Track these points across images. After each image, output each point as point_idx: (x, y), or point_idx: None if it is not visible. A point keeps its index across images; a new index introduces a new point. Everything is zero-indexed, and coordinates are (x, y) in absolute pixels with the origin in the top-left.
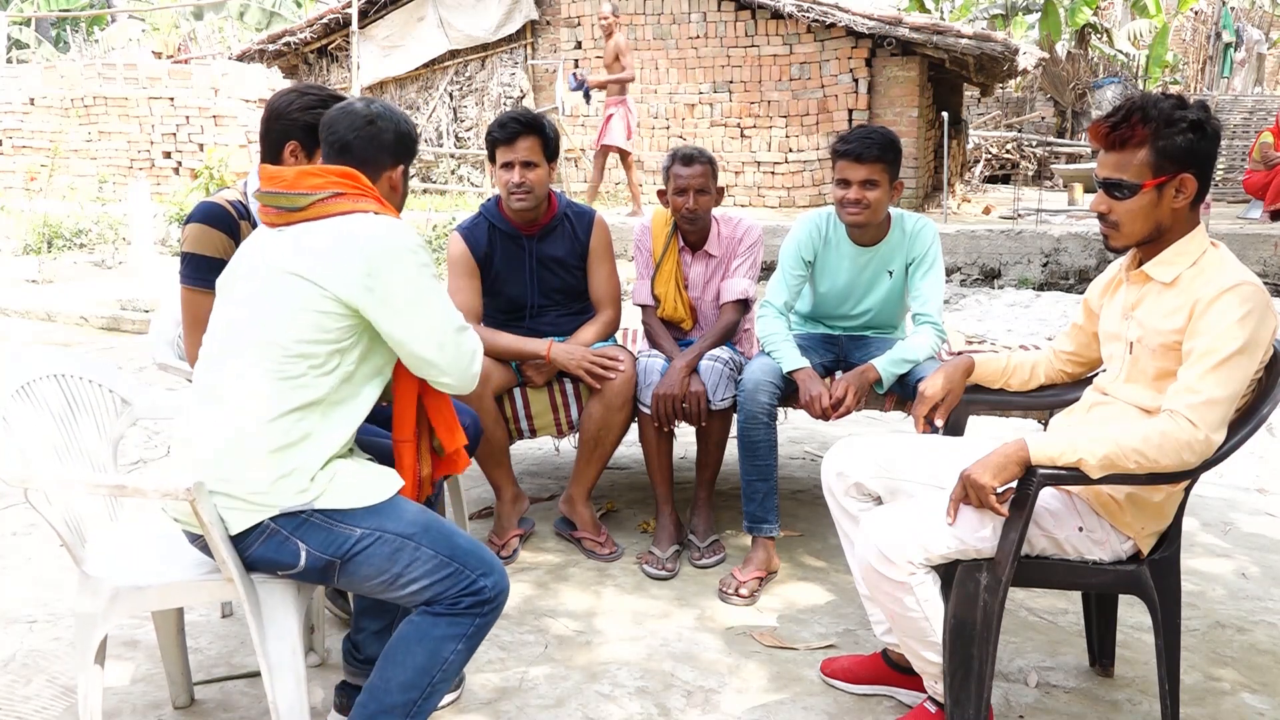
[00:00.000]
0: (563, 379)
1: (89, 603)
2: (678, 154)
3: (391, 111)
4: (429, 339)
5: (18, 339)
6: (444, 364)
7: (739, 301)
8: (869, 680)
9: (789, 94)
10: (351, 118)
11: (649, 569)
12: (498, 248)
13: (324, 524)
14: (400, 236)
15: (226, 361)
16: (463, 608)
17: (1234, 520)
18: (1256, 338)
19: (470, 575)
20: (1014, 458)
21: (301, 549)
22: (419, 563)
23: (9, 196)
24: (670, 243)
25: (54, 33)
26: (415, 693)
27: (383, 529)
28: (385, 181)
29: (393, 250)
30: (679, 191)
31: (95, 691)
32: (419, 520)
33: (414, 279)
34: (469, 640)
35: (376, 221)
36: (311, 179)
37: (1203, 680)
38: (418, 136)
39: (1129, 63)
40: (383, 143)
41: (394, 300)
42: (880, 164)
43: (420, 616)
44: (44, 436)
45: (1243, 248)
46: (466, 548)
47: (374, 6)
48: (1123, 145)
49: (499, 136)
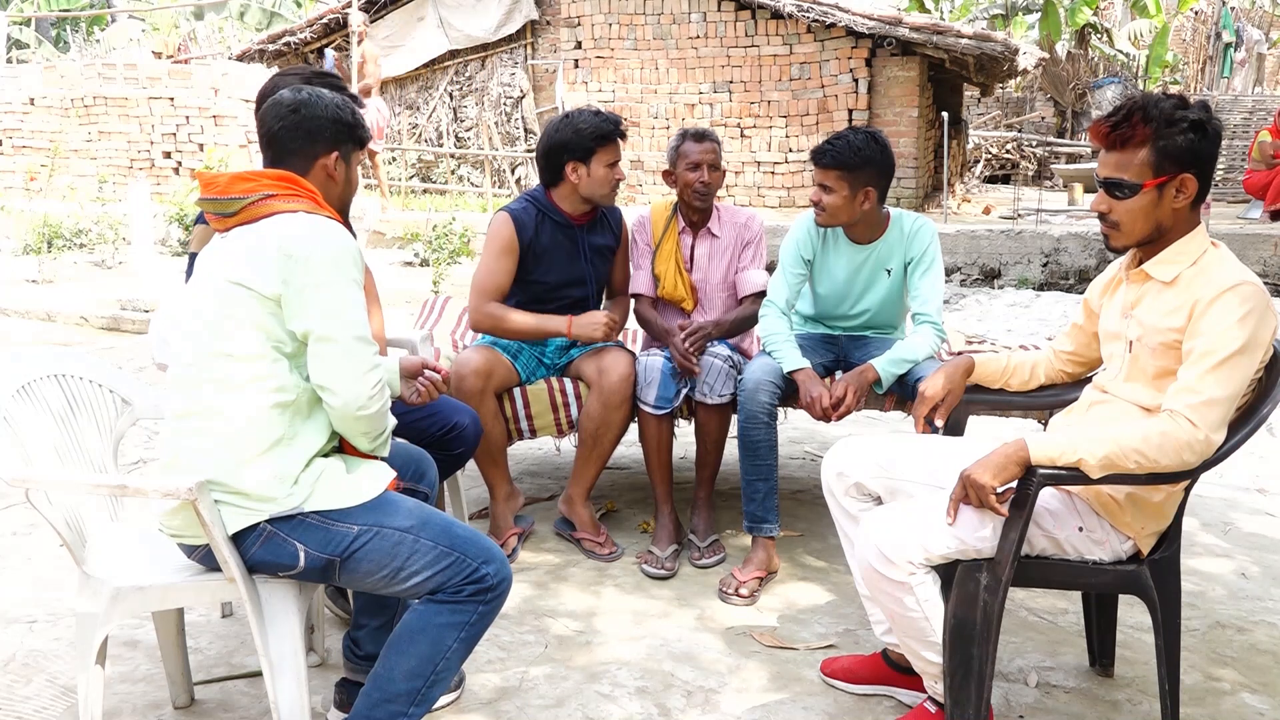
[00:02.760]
0: (562, 379)
1: (89, 603)
2: (687, 132)
3: (320, 98)
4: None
5: (18, 339)
6: (331, 372)
7: (758, 293)
8: (869, 680)
9: (789, 94)
10: (277, 108)
11: (648, 568)
12: (545, 235)
13: (320, 524)
14: (321, 236)
15: (197, 374)
16: (465, 596)
17: (1234, 520)
18: (1256, 338)
19: (472, 564)
20: (1014, 458)
21: (300, 550)
22: (419, 555)
23: (9, 196)
24: (670, 224)
25: (54, 33)
26: (419, 681)
27: (380, 524)
28: (320, 170)
29: (307, 246)
30: (692, 167)
31: (95, 691)
32: (416, 513)
33: (325, 280)
34: (472, 629)
35: (301, 220)
36: (243, 183)
37: (1203, 680)
38: (356, 121)
39: (1129, 63)
40: (309, 130)
41: (303, 295)
42: (836, 170)
43: (424, 605)
44: (44, 436)
45: (1243, 248)
46: (466, 537)
47: (374, 6)
48: (1123, 145)
49: (617, 135)
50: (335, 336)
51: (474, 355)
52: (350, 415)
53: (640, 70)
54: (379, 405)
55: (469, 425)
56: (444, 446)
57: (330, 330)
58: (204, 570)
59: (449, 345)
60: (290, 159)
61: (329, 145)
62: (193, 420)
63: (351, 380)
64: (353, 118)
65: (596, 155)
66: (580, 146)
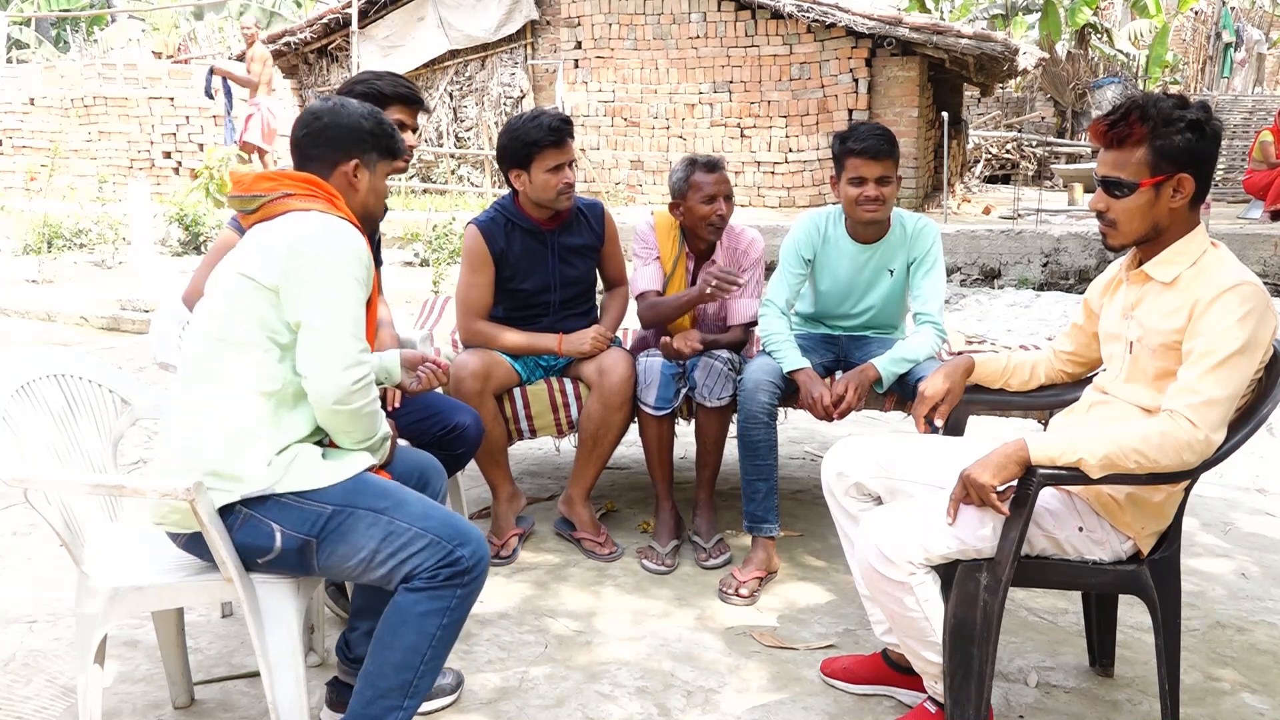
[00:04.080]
0: (562, 379)
1: (89, 603)
2: (696, 162)
3: (344, 107)
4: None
5: (18, 339)
6: (315, 360)
7: (747, 324)
8: (869, 680)
9: (789, 94)
10: (304, 115)
11: (648, 564)
12: (516, 242)
13: (295, 503)
14: (330, 234)
15: (196, 365)
16: (442, 580)
17: (1234, 520)
18: (1256, 338)
19: (447, 545)
20: (1014, 457)
21: (275, 529)
22: (394, 536)
23: (9, 196)
24: (680, 252)
25: (54, 33)
26: (409, 673)
27: (354, 504)
28: (340, 177)
29: (315, 244)
30: (707, 200)
31: (95, 691)
32: (391, 494)
33: (326, 276)
34: (453, 613)
35: (314, 219)
36: (265, 182)
37: (1203, 680)
38: (380, 131)
39: (1129, 63)
40: (329, 138)
41: (302, 288)
42: (891, 159)
43: (402, 596)
44: (44, 436)
45: (1243, 248)
46: (441, 519)
47: (374, 6)
48: (1121, 144)
49: (551, 140)
50: (325, 327)
51: (472, 357)
52: (328, 408)
53: (640, 70)
54: (360, 403)
55: (470, 425)
56: (445, 446)
57: (322, 321)
58: (198, 563)
59: (449, 345)
60: (312, 165)
61: (348, 153)
62: (188, 408)
63: (334, 370)
64: (377, 128)
65: (536, 161)
66: (518, 153)
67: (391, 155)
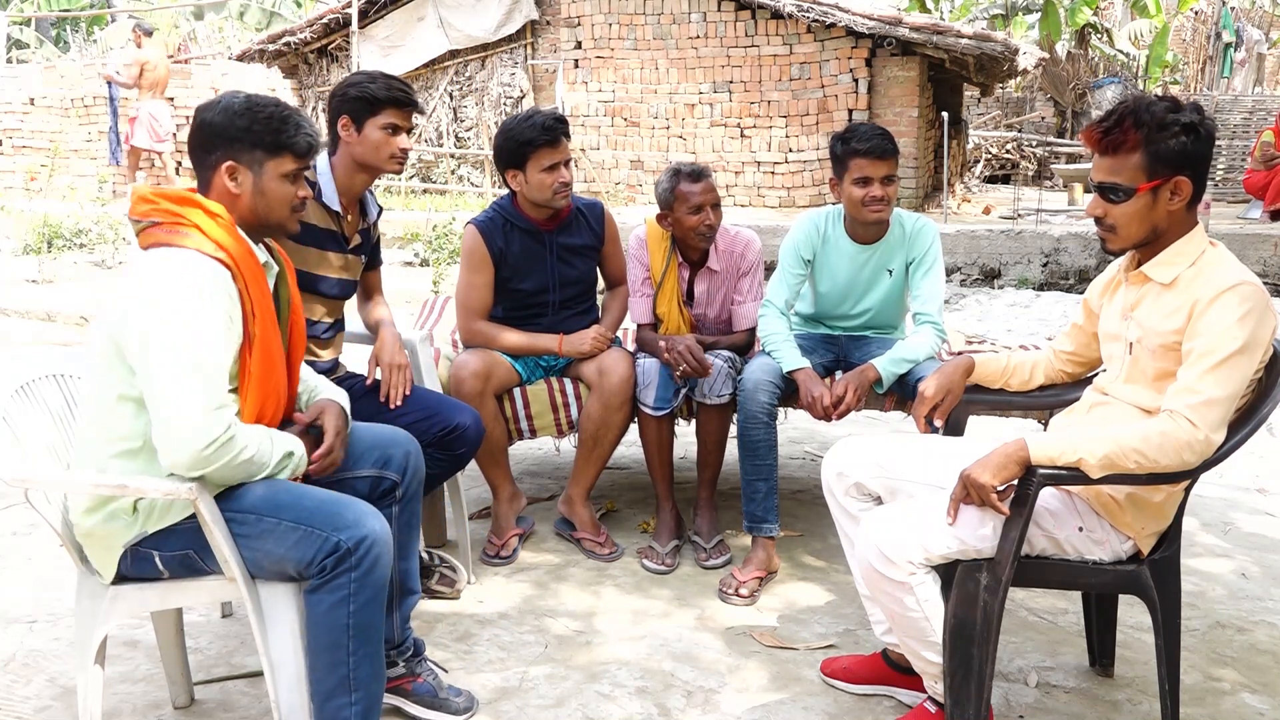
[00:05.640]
0: (562, 379)
1: (89, 603)
2: (681, 172)
3: (219, 103)
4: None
5: (18, 339)
6: (158, 430)
7: (752, 329)
8: (869, 680)
9: (789, 94)
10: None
11: (649, 564)
12: (515, 243)
13: (165, 530)
14: (179, 284)
15: (82, 411)
16: (331, 571)
17: (1234, 520)
18: (1256, 337)
19: (322, 534)
20: (1014, 457)
21: (155, 556)
22: (269, 535)
23: (9, 196)
24: (670, 261)
25: (54, 33)
26: (342, 668)
27: (225, 509)
28: (218, 183)
29: (157, 300)
30: (695, 210)
31: (95, 691)
32: (261, 494)
33: (165, 337)
34: (358, 598)
35: (166, 266)
36: (142, 204)
37: (1203, 680)
38: (252, 123)
39: (1129, 63)
40: (199, 141)
41: (142, 347)
42: (894, 159)
43: (305, 600)
44: (44, 436)
45: (1243, 248)
46: (313, 508)
47: (374, 6)
48: (1116, 150)
49: (545, 139)
50: (164, 394)
51: (472, 358)
52: (190, 474)
53: (640, 70)
54: (224, 459)
55: (471, 425)
56: (445, 446)
57: (160, 386)
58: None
59: (449, 345)
60: (198, 172)
61: (221, 155)
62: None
63: (180, 444)
64: (255, 122)
65: (531, 160)
66: (513, 153)
67: (282, 149)
